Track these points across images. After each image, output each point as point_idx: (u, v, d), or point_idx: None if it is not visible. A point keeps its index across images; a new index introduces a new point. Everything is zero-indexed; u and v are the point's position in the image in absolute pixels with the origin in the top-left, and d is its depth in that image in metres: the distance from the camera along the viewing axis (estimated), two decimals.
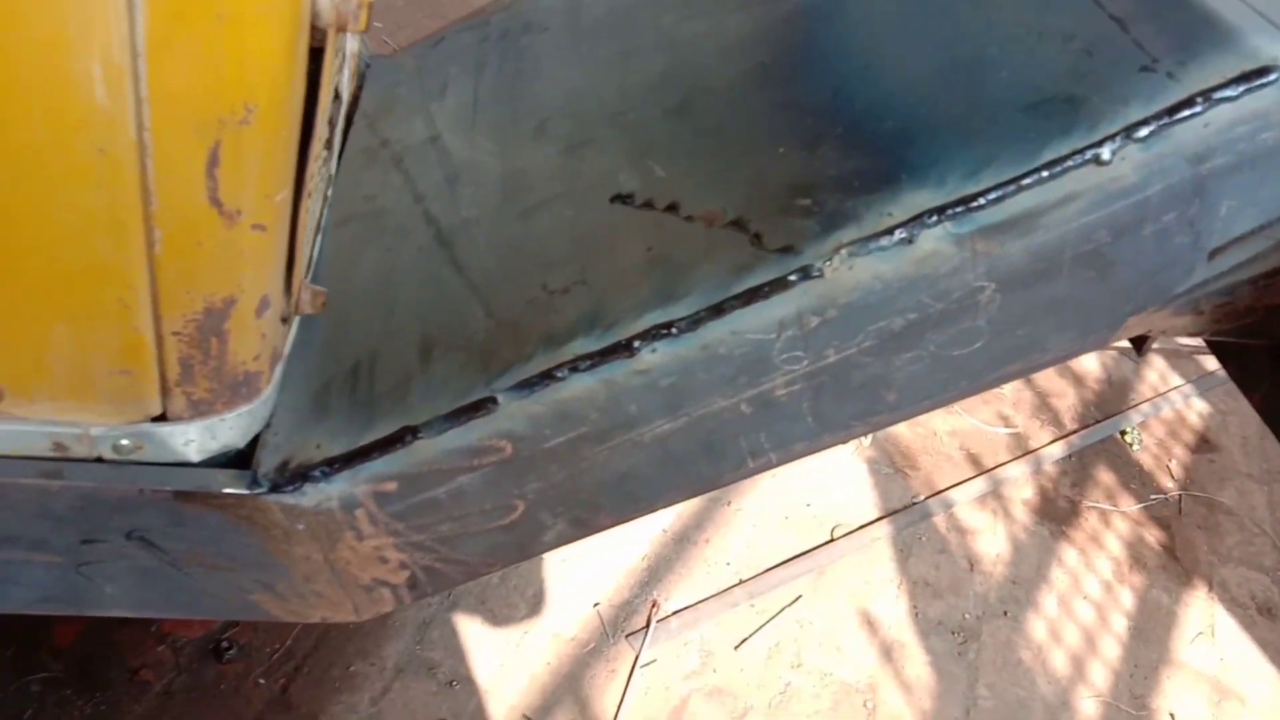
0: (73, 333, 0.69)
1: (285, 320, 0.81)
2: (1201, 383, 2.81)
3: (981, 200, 0.64)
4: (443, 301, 0.83)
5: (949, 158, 0.66)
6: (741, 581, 2.04)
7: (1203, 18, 0.64)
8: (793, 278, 0.66)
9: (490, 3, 1.22)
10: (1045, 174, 0.63)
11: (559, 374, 0.71)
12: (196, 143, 0.61)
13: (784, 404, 0.73)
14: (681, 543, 2.11)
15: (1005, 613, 2.09)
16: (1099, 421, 2.62)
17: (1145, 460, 2.53)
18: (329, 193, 0.93)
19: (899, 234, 0.64)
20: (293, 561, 0.80)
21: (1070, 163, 0.65)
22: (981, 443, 2.49)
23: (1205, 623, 2.14)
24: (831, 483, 2.29)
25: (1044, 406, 2.64)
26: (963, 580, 2.14)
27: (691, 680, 1.85)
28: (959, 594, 2.11)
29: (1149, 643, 2.09)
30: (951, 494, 2.32)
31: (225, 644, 1.75)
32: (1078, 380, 2.75)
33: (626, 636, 1.90)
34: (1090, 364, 2.80)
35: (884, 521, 2.22)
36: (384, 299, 0.87)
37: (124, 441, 0.75)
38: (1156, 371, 2.84)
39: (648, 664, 1.85)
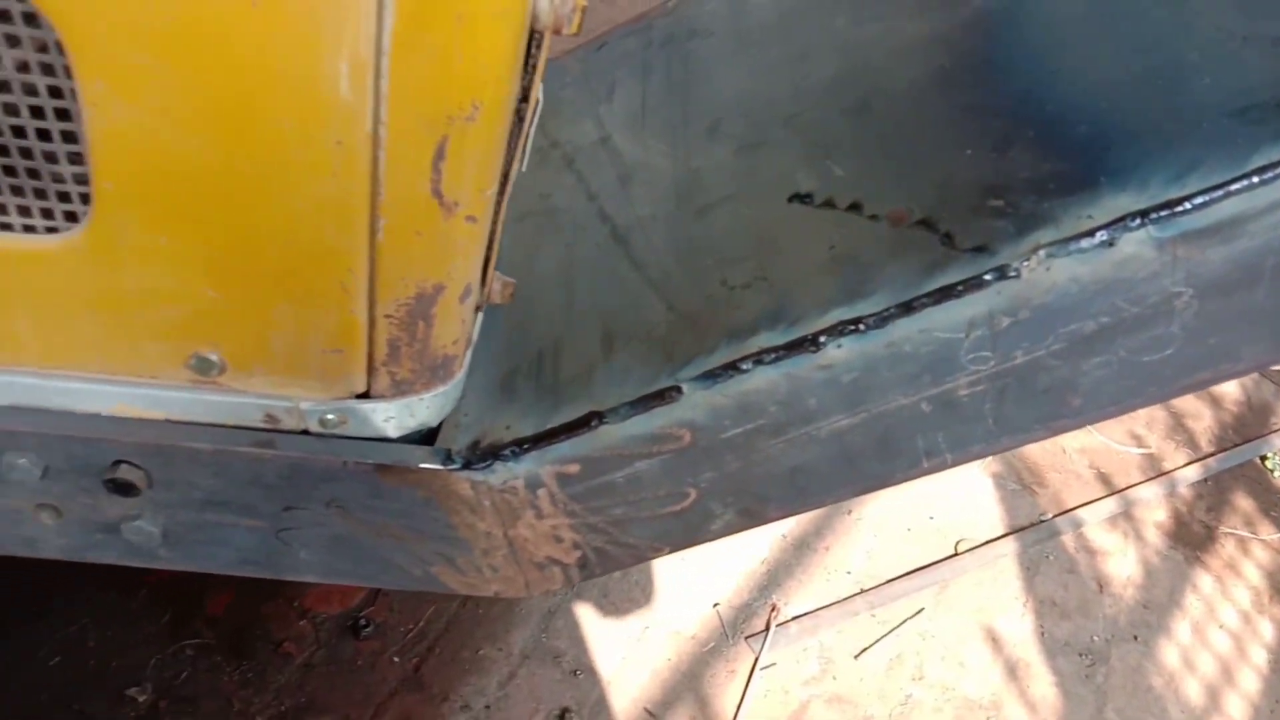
0: (294, 312, 0.75)
1: (478, 309, 0.85)
2: None
3: (1187, 205, 0.63)
4: (622, 295, 0.86)
5: (1150, 162, 0.66)
6: (862, 590, 2.03)
7: None
8: (988, 277, 0.67)
9: (652, 8, 1.25)
10: (1255, 179, 0.62)
11: (743, 366, 0.73)
12: (426, 137, 0.66)
13: (965, 404, 0.73)
14: (801, 549, 2.11)
15: (1135, 637, 2.03)
16: (1237, 445, 2.51)
17: None
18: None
19: (1100, 236, 0.65)
20: (475, 536, 0.84)
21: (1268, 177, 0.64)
22: (1112, 462, 2.41)
23: None
24: (955, 496, 2.26)
25: (1179, 427, 2.55)
26: (1091, 602, 2.08)
27: (811, 686, 1.85)
28: (1087, 615, 2.05)
29: None
30: (1080, 513, 2.26)
31: (363, 622, 1.83)
32: (1215, 402, 2.64)
33: (746, 638, 1.91)
34: (1228, 385, 2.69)
35: (1010, 538, 2.18)
36: (564, 292, 0.90)
37: (330, 416, 0.81)
38: None
39: (767, 667, 1.86)
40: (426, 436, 0.84)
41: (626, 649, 1.86)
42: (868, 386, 0.73)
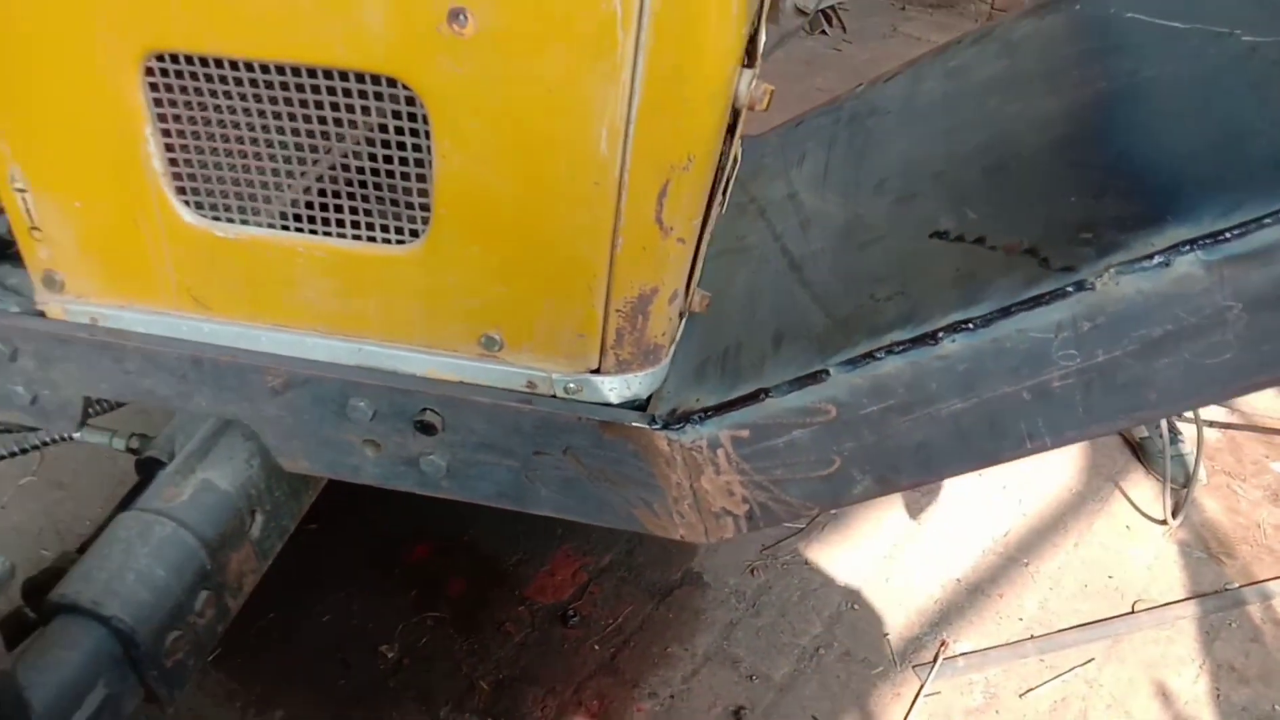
0: (555, 305, 1.05)
1: (682, 314, 1.13)
2: None
3: (1228, 234, 0.82)
4: (793, 308, 1.11)
5: (1208, 203, 0.85)
6: (1033, 636, 2.12)
7: None
8: (1069, 289, 0.87)
9: (845, 93, 1.52)
10: (1255, 232, 0.80)
11: (878, 355, 0.96)
12: (655, 180, 0.94)
13: (1058, 394, 0.93)
14: (974, 593, 2.23)
15: None
16: None
17: None
18: (714, 229, 1.25)
19: (1158, 259, 0.84)
20: (669, 485, 1.11)
21: None
22: None
23: None
24: (1137, 558, 2.31)
25: None
26: (1274, 671, 2.07)
27: (973, 716, 1.96)
28: (1269, 684, 2.05)
29: None
30: (1271, 586, 2.24)
31: (571, 613, 2.12)
32: None
33: (914, 667, 2.05)
34: None
35: (1191, 602, 2.20)
36: (748, 305, 1.17)
37: (571, 385, 1.10)
38: None
39: (931, 694, 1.99)
40: (639, 405, 1.12)
41: (800, 663, 2.04)
42: (977, 375, 0.94)
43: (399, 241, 1.06)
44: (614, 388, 1.10)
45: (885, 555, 2.28)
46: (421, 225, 1.04)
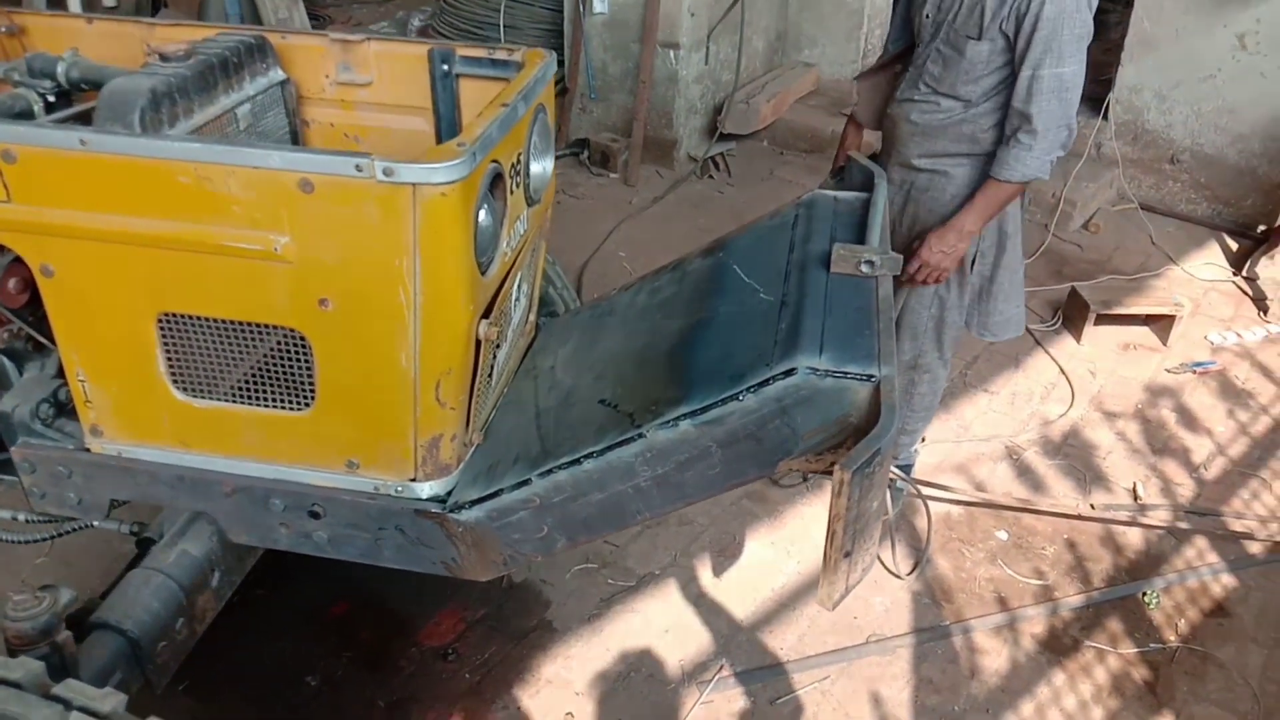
0: (386, 444, 1.87)
1: (468, 445, 1.96)
2: (1238, 562, 3.32)
3: (704, 410, 1.66)
4: (527, 441, 1.94)
5: (703, 392, 1.70)
6: (787, 662, 2.90)
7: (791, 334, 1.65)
8: (636, 436, 1.71)
9: (608, 292, 2.38)
10: (713, 410, 1.65)
11: (555, 470, 1.79)
12: (432, 380, 1.78)
13: (645, 489, 1.75)
14: (751, 630, 3.01)
15: (988, 710, 2.79)
16: (1125, 583, 3.22)
17: (1157, 617, 3.11)
18: (502, 391, 2.09)
19: (672, 423, 1.68)
20: (459, 546, 1.92)
21: (728, 402, 1.66)
22: (1012, 589, 3.19)
23: None
24: (878, 604, 3.11)
25: (1079, 567, 3.29)
26: (960, 683, 2.87)
27: (736, 717, 2.74)
28: (955, 692, 2.84)
29: None
30: (973, 623, 3.05)
31: (449, 652, 2.89)
32: (1118, 549, 3.37)
33: (697, 684, 2.82)
34: (1133, 537, 3.41)
35: (909, 635, 3.00)
36: (509, 438, 1.99)
37: (399, 488, 1.91)
38: (1197, 549, 3.39)
39: (706, 702, 2.77)
40: (441, 499, 1.93)
41: (616, 682, 2.81)
42: (604, 480, 1.77)
43: (297, 410, 1.88)
44: (423, 490, 1.92)
45: (690, 603, 3.08)
46: (310, 401, 1.87)
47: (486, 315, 1.85)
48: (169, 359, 1.87)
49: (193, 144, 1.62)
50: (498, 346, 1.98)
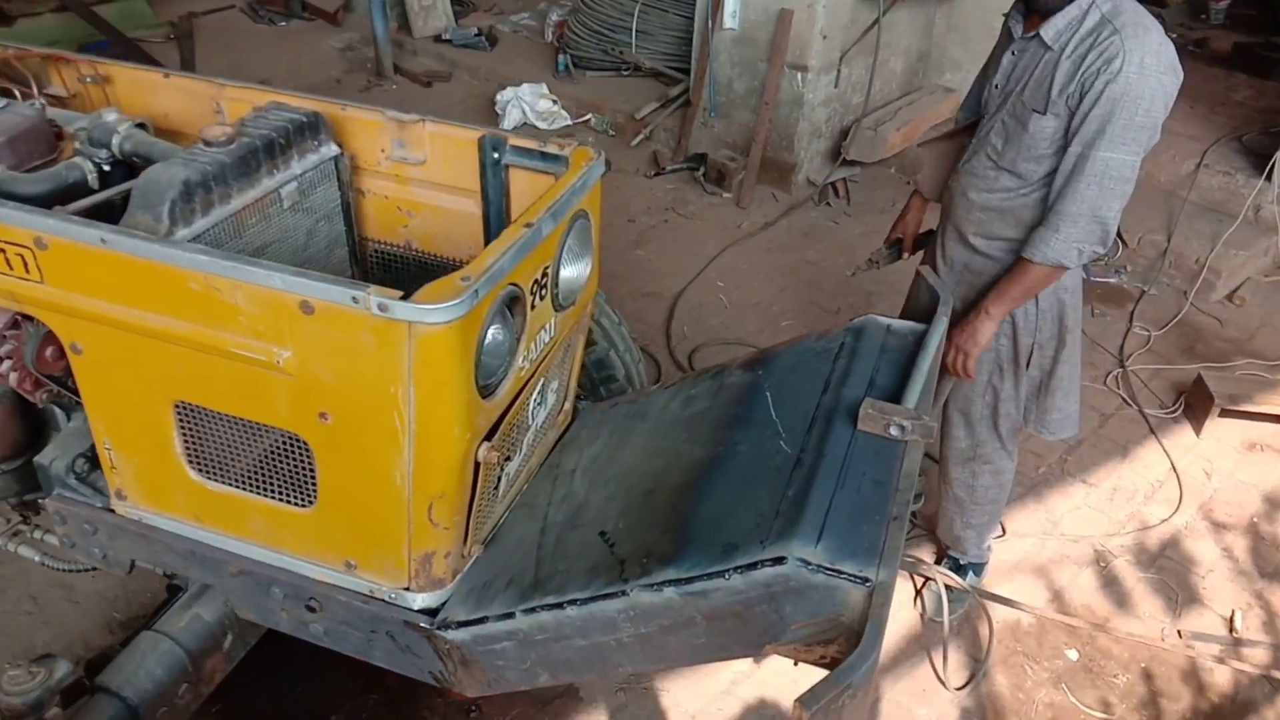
0: (382, 553, 1.85)
1: (465, 556, 1.91)
2: None
3: (691, 580, 1.56)
4: (524, 563, 1.88)
5: (693, 558, 1.59)
6: None
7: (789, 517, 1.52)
8: (620, 593, 1.62)
9: (640, 391, 2.29)
10: (698, 583, 1.54)
11: (539, 609, 1.72)
12: (425, 501, 1.74)
13: (628, 644, 1.67)
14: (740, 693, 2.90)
15: None
16: None
17: None
18: (522, 488, 2.04)
19: (656, 587, 1.58)
20: (449, 663, 1.88)
21: (714, 578, 1.55)
22: (1073, 718, 2.96)
23: None
24: (922, 716, 2.94)
25: (1152, 703, 3.02)
26: None
27: None
28: None
29: None
30: None
31: (473, 708, 2.89)
32: (1201, 689, 3.08)
33: None
34: (1221, 676, 3.11)
35: None
36: (510, 554, 1.94)
37: (393, 594, 1.89)
38: None
39: None
40: (435, 610, 1.90)
41: None
42: (587, 628, 1.69)
43: (301, 506, 1.88)
44: (417, 599, 1.89)
45: (720, 691, 2.98)
46: (312, 500, 1.86)
47: (490, 437, 1.79)
48: (185, 441, 1.89)
49: (201, 256, 1.61)
50: (507, 459, 1.92)
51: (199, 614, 2.12)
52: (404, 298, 1.52)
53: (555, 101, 6.72)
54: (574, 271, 1.99)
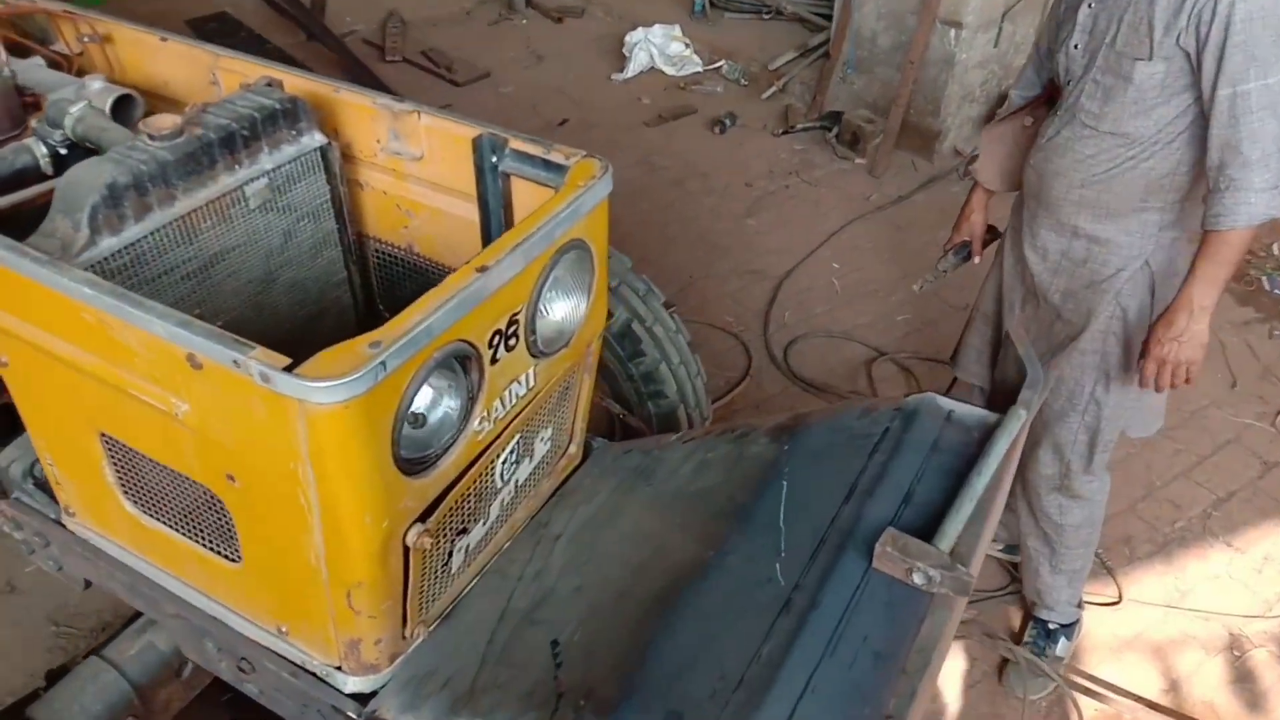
0: (308, 629, 1.60)
1: (407, 637, 1.65)
2: None
3: None
4: (476, 656, 1.60)
5: (633, 712, 1.27)
6: None
7: None
8: None
9: (651, 439, 1.94)
10: None
11: None
12: (343, 588, 1.47)
13: None
14: None
15: None
16: None
17: None
18: (501, 547, 1.75)
19: None
20: None
21: None
22: None
23: None
24: None
25: None
26: None
27: None
28: None
29: None
30: None
31: None
32: None
33: None
34: None
35: None
36: (463, 638, 1.66)
37: (325, 670, 1.65)
38: None
39: None
40: (367, 696, 1.65)
41: None
42: None
43: (231, 561, 1.65)
44: (348, 684, 1.64)
45: None
46: (239, 559, 1.62)
47: (426, 518, 1.49)
48: (116, 472, 1.69)
49: (84, 287, 1.36)
50: (463, 532, 1.63)
51: (152, 641, 1.95)
52: (289, 367, 1.23)
53: (687, 45, 6.26)
54: (562, 312, 1.65)
